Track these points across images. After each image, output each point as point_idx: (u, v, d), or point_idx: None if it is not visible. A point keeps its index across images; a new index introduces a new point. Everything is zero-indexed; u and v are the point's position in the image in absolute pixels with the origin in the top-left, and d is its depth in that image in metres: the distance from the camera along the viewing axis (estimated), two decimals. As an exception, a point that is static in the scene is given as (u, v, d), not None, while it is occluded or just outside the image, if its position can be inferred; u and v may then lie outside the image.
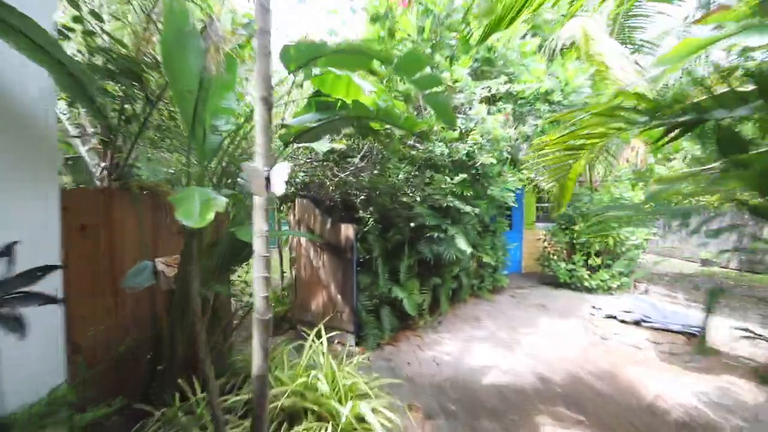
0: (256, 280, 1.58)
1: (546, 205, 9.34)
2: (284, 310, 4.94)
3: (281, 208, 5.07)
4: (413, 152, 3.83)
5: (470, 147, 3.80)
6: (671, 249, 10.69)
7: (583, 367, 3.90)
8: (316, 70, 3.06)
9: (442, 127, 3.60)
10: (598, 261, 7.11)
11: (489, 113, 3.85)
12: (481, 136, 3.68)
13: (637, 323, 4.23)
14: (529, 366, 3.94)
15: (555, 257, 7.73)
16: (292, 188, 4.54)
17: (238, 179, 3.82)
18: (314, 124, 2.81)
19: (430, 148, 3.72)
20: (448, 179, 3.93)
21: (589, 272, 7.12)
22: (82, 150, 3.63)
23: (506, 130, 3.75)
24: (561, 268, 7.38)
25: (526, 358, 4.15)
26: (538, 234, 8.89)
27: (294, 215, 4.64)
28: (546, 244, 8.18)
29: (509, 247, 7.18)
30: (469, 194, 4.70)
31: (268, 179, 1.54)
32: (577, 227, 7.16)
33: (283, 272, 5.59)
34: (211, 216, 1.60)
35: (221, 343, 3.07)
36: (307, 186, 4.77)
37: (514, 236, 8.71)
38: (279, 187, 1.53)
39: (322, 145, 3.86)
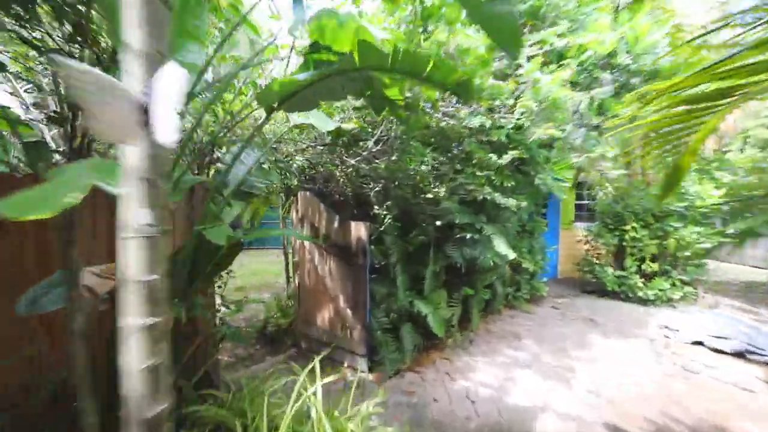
0: (126, 331, 0.71)
1: (585, 202, 8.12)
2: (288, 322, 4.11)
3: (284, 203, 4.26)
4: (442, 125, 2.89)
5: (518, 118, 2.81)
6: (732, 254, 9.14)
7: (671, 413, 2.83)
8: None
9: (483, 93, 2.62)
10: (654, 267, 5.88)
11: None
12: (534, 103, 2.69)
13: (739, 354, 3.10)
14: (594, 408, 2.91)
15: (600, 262, 6.55)
16: (296, 179, 3.71)
17: (216, 157, 3.02)
18: (306, 81, 1.94)
19: (464, 122, 2.77)
20: (494, 156, 2.95)
21: (643, 280, 5.91)
22: (47, 134, 2.93)
23: (567, 93, 2.74)
24: (608, 275, 6.19)
25: (587, 395, 3.11)
26: (576, 235, 7.71)
27: (297, 211, 3.81)
28: (588, 246, 7.01)
29: (549, 250, 6.08)
30: (509, 185, 3.71)
31: (143, 108, 0.66)
32: (628, 227, 5.96)
33: (289, 278, 4.78)
34: (68, 201, 0.76)
35: (186, 379, 2.24)
36: (314, 178, 3.93)
37: (549, 237, 7.56)
38: (166, 126, 0.65)
39: (327, 123, 2.99)
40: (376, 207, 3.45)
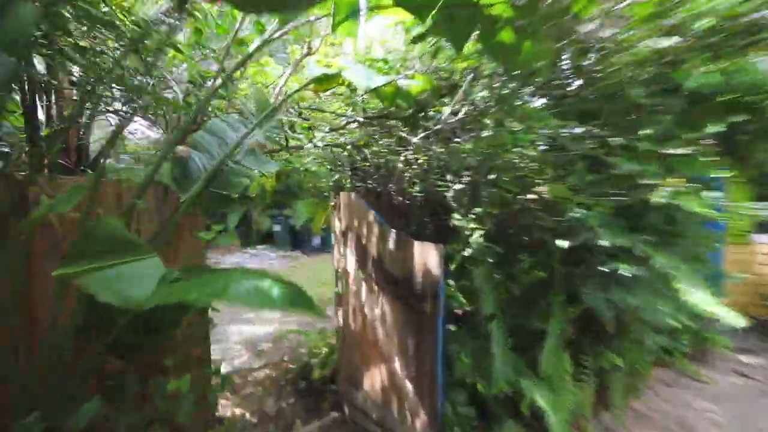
0: None
1: (771, 204, 5.29)
2: (330, 371, 2.97)
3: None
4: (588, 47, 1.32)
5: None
6: None
7: None
8: None
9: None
10: None
11: None
12: None
13: None
14: None
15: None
16: (335, 173, 2.53)
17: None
18: None
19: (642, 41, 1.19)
20: None
21: None
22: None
23: None
24: (843, 324, 3.65)
25: None
26: (755, 251, 5.09)
27: (339, 220, 2.61)
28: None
29: (728, 278, 3.83)
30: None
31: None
32: None
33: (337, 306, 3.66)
34: None
35: None
36: (366, 172, 2.70)
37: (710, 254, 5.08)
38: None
39: (370, 79, 1.67)
40: (456, 216, 2.05)
